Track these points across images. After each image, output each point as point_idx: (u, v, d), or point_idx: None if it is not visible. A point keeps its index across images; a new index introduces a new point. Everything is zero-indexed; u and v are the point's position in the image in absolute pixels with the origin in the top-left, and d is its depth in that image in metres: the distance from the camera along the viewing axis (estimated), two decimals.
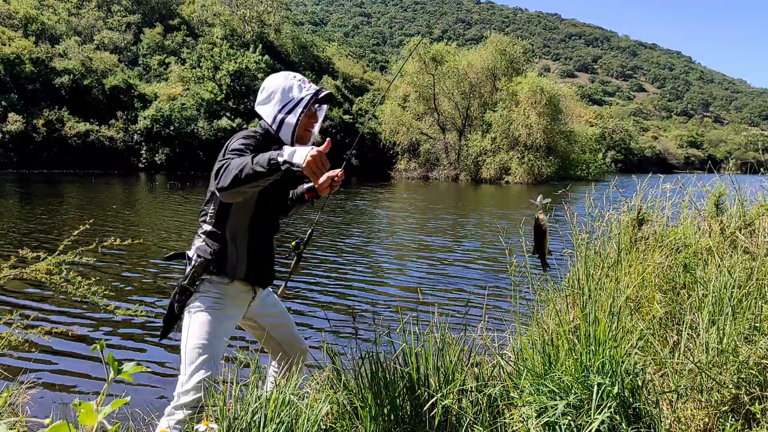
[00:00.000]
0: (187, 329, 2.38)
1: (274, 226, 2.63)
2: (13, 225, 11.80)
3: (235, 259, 2.46)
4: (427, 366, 2.52)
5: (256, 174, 2.03)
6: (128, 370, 1.46)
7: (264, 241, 2.54)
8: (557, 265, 3.70)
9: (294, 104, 2.44)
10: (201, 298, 2.43)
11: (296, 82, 2.48)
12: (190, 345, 2.34)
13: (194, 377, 2.27)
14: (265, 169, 2.02)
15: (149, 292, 6.77)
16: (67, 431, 0.87)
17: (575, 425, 2.12)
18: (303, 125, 2.48)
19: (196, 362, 2.30)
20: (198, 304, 2.42)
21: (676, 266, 3.14)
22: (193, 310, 2.42)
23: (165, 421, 2.32)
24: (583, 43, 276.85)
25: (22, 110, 32.78)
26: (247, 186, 2.07)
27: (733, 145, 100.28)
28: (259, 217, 2.49)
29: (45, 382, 4.04)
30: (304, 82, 2.51)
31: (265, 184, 2.11)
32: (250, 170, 2.03)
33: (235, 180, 2.05)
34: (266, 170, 2.02)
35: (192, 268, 2.44)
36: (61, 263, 2.85)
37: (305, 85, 2.49)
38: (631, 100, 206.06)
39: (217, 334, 2.37)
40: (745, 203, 3.67)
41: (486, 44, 44.25)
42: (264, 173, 2.02)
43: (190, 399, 2.27)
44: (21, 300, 6.10)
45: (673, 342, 2.74)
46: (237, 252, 2.47)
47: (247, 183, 2.05)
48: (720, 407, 2.24)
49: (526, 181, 37.96)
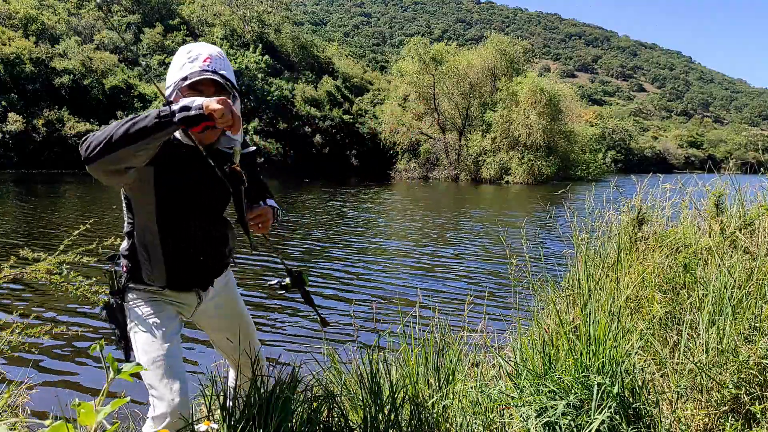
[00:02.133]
0: (135, 350, 2.06)
1: (210, 226, 2.16)
2: (13, 225, 11.80)
3: (149, 267, 2.08)
4: (427, 366, 2.52)
5: (142, 130, 1.63)
6: (128, 370, 1.46)
7: (190, 246, 2.09)
8: (557, 265, 3.71)
9: (169, 91, 1.99)
10: (132, 309, 2.11)
11: (185, 58, 1.99)
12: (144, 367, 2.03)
13: (161, 402, 1.96)
14: (153, 123, 1.63)
15: None
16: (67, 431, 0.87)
17: (575, 425, 2.12)
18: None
19: (157, 384, 1.98)
20: (132, 319, 2.10)
21: (676, 266, 3.14)
22: (131, 327, 2.10)
23: None
24: (583, 43, 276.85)
25: (22, 110, 32.78)
26: (127, 149, 1.65)
27: (733, 145, 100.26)
28: (172, 215, 2.03)
29: (45, 382, 4.04)
30: (193, 59, 1.98)
31: (149, 149, 1.69)
32: (130, 126, 1.63)
33: (109, 143, 1.64)
34: (155, 124, 1.63)
35: (108, 275, 2.13)
36: (62, 263, 2.85)
37: (190, 63, 1.97)
38: (631, 100, 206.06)
39: (164, 345, 2.03)
40: (745, 203, 3.67)
41: (486, 44, 44.24)
42: (152, 128, 1.63)
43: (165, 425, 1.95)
44: (21, 300, 6.10)
45: (673, 342, 2.73)
46: (149, 259, 2.07)
47: (124, 145, 1.63)
48: (720, 407, 2.24)
49: (526, 181, 37.95)
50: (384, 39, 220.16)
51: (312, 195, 23.40)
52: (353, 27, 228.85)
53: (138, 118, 1.66)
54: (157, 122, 1.64)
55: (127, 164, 1.74)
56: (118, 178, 1.83)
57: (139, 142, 1.64)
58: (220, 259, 2.23)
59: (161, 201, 2.01)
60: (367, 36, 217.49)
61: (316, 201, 20.75)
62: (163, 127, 1.65)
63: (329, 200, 21.17)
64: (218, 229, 2.19)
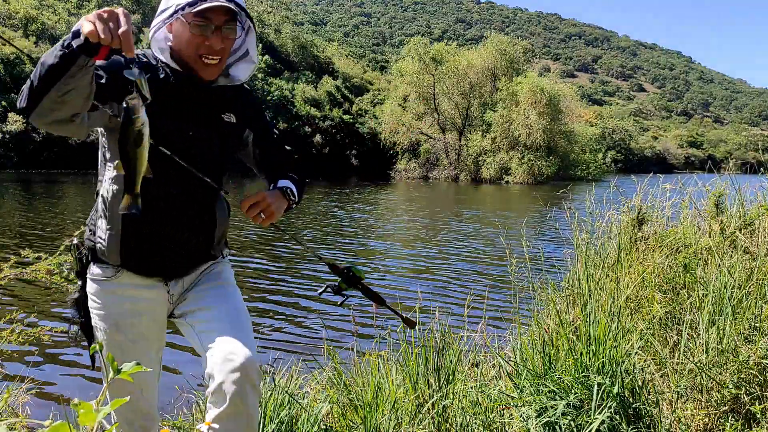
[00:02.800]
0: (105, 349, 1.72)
1: (186, 195, 1.74)
2: (14, 225, 11.80)
3: (104, 236, 1.71)
4: (427, 366, 2.52)
5: (50, 70, 1.33)
6: (128, 370, 1.46)
7: (158, 214, 1.68)
8: (557, 265, 3.71)
9: (167, 14, 1.65)
10: (91, 307, 1.77)
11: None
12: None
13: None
14: (57, 57, 1.33)
15: None
16: (67, 431, 0.87)
17: (575, 425, 2.12)
18: (186, 41, 1.65)
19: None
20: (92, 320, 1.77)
21: (676, 266, 3.14)
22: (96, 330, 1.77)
23: None
24: (583, 43, 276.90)
25: None
26: (48, 96, 1.37)
27: (733, 145, 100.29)
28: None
29: (45, 382, 4.04)
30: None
31: (73, 91, 1.37)
32: (40, 67, 1.35)
33: (32, 91, 1.38)
34: (59, 59, 1.33)
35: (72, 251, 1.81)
36: (62, 263, 2.85)
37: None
38: (631, 100, 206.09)
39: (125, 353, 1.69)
40: (745, 203, 3.67)
41: (486, 44, 44.27)
42: (58, 64, 1.33)
43: None
44: (21, 300, 6.10)
45: (673, 342, 2.74)
46: (110, 226, 1.70)
47: (44, 91, 1.36)
48: (720, 407, 2.25)
49: (526, 181, 37.95)
50: (384, 39, 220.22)
51: (315, 195, 23.41)
52: (353, 27, 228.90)
53: (47, 54, 1.36)
54: (61, 55, 1.32)
55: (63, 113, 1.43)
56: (70, 129, 1.50)
57: (56, 84, 1.35)
58: (197, 244, 1.79)
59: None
60: (367, 36, 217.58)
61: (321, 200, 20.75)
62: (68, 60, 1.32)
63: (331, 200, 21.17)
64: (197, 202, 1.76)
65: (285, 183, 1.87)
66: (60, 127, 1.48)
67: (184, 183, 1.71)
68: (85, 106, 1.46)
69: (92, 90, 1.44)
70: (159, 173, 1.54)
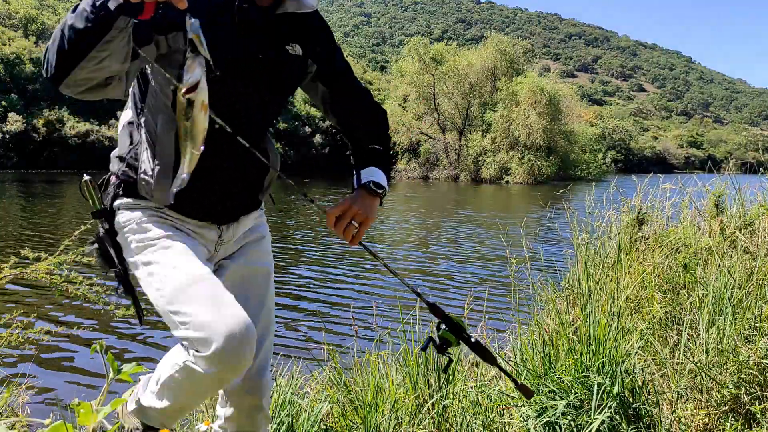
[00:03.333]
0: (146, 287, 1.50)
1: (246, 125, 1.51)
2: (13, 225, 11.80)
3: (151, 174, 1.47)
4: (427, 366, 2.52)
5: (81, 35, 1.09)
6: (128, 370, 1.46)
7: (212, 149, 1.36)
8: (557, 265, 3.71)
9: None
10: (129, 235, 1.52)
11: None
12: (164, 305, 1.41)
13: (204, 332, 1.31)
14: (90, 21, 1.08)
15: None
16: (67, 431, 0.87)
17: (575, 425, 2.12)
18: None
19: (193, 309, 1.34)
20: (131, 249, 1.52)
21: (676, 266, 3.15)
22: (133, 260, 1.53)
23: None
24: (583, 43, 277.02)
25: (22, 110, 32.82)
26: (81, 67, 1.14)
27: (733, 145, 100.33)
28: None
29: (45, 382, 4.04)
30: None
31: (112, 54, 1.15)
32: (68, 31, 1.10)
33: (60, 59, 1.13)
34: (92, 23, 1.07)
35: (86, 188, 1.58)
36: (62, 263, 2.85)
37: None
38: (631, 100, 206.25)
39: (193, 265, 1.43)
40: (745, 203, 3.67)
41: (486, 44, 44.24)
42: (91, 29, 1.08)
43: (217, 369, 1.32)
44: (21, 300, 6.10)
45: (673, 342, 2.74)
46: (155, 159, 1.46)
47: (77, 57, 1.12)
48: (720, 407, 2.24)
49: (526, 181, 37.95)
50: (384, 39, 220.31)
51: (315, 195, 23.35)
52: (353, 27, 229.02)
53: (75, 16, 1.10)
54: (94, 18, 1.06)
55: (98, 79, 1.21)
56: (106, 92, 1.28)
57: (90, 52, 1.11)
58: (248, 186, 1.62)
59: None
60: (367, 36, 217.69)
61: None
62: (105, 24, 1.07)
63: (330, 200, 21.17)
64: (251, 139, 1.47)
65: (368, 176, 1.65)
66: (94, 94, 1.27)
67: (239, 118, 1.48)
68: (123, 67, 1.24)
69: (131, 48, 1.21)
70: (215, 106, 1.24)
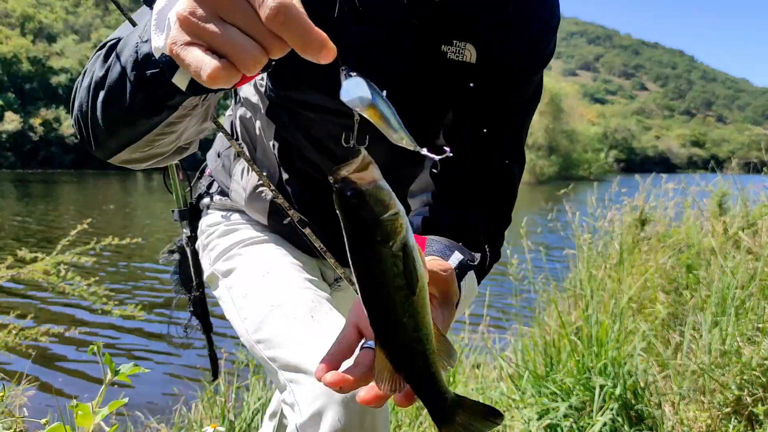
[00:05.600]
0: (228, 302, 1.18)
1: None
2: (11, 225, 11.82)
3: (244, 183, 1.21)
4: None
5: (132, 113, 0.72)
6: (126, 371, 1.45)
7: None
8: (559, 266, 3.69)
9: None
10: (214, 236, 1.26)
11: None
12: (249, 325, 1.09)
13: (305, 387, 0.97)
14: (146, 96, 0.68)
15: (147, 292, 6.77)
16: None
17: (577, 427, 2.10)
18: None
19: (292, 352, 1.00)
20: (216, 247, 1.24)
21: (679, 267, 3.13)
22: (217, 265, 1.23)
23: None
24: (585, 42, 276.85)
25: (19, 109, 32.94)
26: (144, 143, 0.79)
27: (736, 144, 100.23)
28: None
29: (43, 383, 4.03)
30: None
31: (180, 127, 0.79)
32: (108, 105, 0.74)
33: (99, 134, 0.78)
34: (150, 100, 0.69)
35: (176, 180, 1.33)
36: (59, 264, 2.84)
37: None
38: (633, 99, 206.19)
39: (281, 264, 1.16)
40: (749, 203, 3.65)
41: None
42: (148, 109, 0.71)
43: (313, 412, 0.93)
44: (18, 301, 6.10)
45: (675, 343, 2.72)
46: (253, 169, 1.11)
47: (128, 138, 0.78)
48: (723, 409, 2.23)
49: (528, 180, 37.95)
50: None
51: None
52: None
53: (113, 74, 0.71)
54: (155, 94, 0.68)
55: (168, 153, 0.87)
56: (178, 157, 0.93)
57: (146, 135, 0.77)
58: None
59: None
60: None
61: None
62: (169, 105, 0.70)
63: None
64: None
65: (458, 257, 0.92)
66: (168, 161, 0.92)
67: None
68: (204, 128, 0.89)
69: (215, 107, 0.89)
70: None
